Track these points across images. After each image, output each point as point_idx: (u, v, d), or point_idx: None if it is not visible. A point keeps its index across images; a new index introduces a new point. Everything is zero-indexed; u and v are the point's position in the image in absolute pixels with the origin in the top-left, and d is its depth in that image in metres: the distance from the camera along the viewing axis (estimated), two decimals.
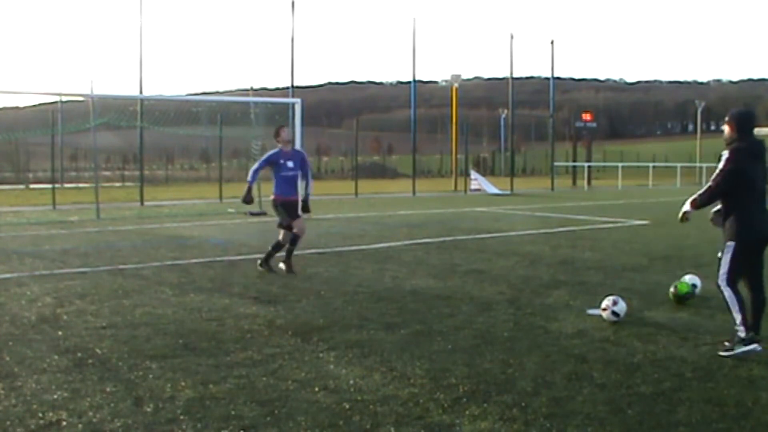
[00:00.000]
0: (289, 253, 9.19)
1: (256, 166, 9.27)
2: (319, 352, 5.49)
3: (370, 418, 4.11)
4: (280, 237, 9.31)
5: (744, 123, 5.61)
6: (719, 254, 5.68)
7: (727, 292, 5.55)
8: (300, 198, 9.39)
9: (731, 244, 5.54)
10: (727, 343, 5.52)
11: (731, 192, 5.50)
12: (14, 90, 35.41)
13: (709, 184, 5.61)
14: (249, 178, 9.19)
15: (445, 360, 5.29)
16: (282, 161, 9.13)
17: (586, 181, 42.39)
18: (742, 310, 5.46)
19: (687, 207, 5.72)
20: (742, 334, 5.39)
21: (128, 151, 48.95)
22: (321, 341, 5.81)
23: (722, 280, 5.61)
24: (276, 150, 9.25)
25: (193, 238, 13.32)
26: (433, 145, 73.50)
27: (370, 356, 5.37)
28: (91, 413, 4.16)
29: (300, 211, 9.26)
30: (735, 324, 5.45)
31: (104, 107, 21.96)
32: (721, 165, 5.52)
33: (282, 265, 9.18)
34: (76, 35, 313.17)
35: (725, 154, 5.54)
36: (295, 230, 9.13)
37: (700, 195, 5.65)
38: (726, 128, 5.65)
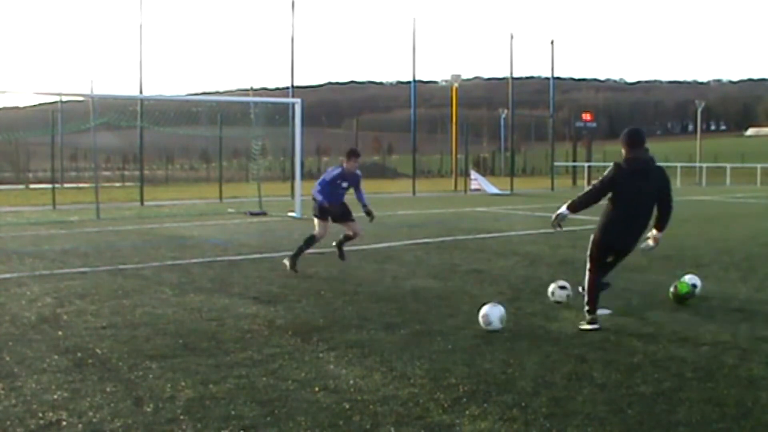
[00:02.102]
0: (300, 251, 9.35)
1: (319, 187, 9.48)
2: (319, 352, 5.49)
3: (370, 418, 4.11)
4: (316, 231, 9.49)
5: (629, 140, 6.19)
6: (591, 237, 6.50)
7: (587, 277, 6.42)
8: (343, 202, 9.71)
9: (593, 237, 6.39)
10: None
11: (607, 198, 6.24)
12: (14, 90, 35.44)
13: (588, 188, 6.43)
14: (318, 197, 9.43)
15: (445, 360, 5.29)
16: (339, 181, 9.52)
17: (586, 181, 42.31)
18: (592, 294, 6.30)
19: (563, 209, 6.41)
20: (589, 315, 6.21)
21: (128, 151, 48.87)
22: (321, 341, 5.81)
23: (586, 268, 6.47)
24: (340, 171, 9.51)
25: (193, 238, 13.32)
26: (433, 145, 73.42)
27: (370, 356, 5.37)
28: (91, 413, 4.16)
29: (353, 217, 9.68)
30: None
31: (104, 107, 21.95)
32: (604, 174, 6.29)
33: (287, 261, 9.30)
34: (76, 35, 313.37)
35: (611, 165, 6.27)
36: (352, 232, 9.59)
37: (578, 199, 6.40)
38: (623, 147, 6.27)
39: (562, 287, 7.23)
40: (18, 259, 10.49)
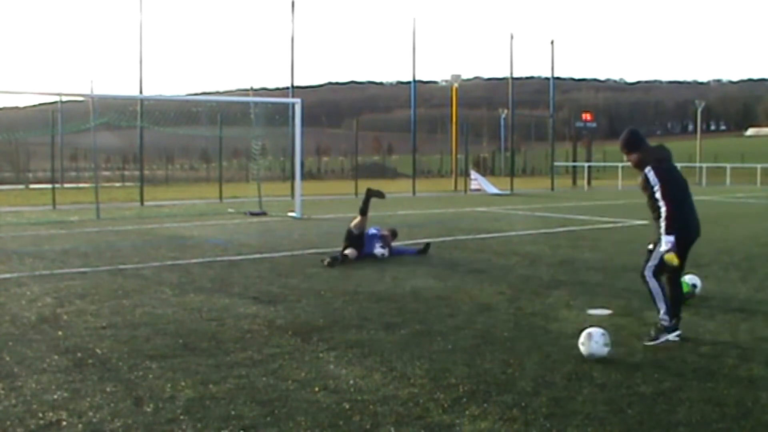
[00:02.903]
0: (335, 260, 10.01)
1: (387, 248, 10.63)
2: (319, 352, 5.49)
3: (370, 418, 4.11)
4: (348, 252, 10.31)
5: (637, 138, 6.03)
6: (650, 246, 5.91)
7: (652, 283, 5.85)
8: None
9: (671, 238, 5.65)
10: (652, 332, 5.81)
11: (670, 196, 5.69)
12: (14, 90, 35.42)
13: (662, 205, 5.69)
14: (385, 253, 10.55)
15: (445, 360, 5.29)
16: (374, 242, 10.58)
17: (586, 181, 42.35)
18: (665, 300, 5.78)
19: (670, 238, 5.63)
20: (665, 322, 5.72)
21: (128, 151, 48.91)
22: (321, 341, 5.81)
23: (648, 272, 5.88)
24: (377, 233, 10.71)
25: (193, 238, 13.32)
26: (433, 145, 73.39)
27: (370, 356, 5.37)
28: (91, 413, 4.16)
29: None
30: (660, 313, 5.78)
31: (104, 107, 21.94)
32: (652, 182, 5.75)
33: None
34: (76, 35, 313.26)
35: (647, 172, 5.79)
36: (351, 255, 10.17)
37: (666, 221, 5.65)
38: (627, 158, 6.01)
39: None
40: (18, 259, 10.49)
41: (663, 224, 5.66)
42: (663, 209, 5.67)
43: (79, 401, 4.37)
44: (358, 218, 10.57)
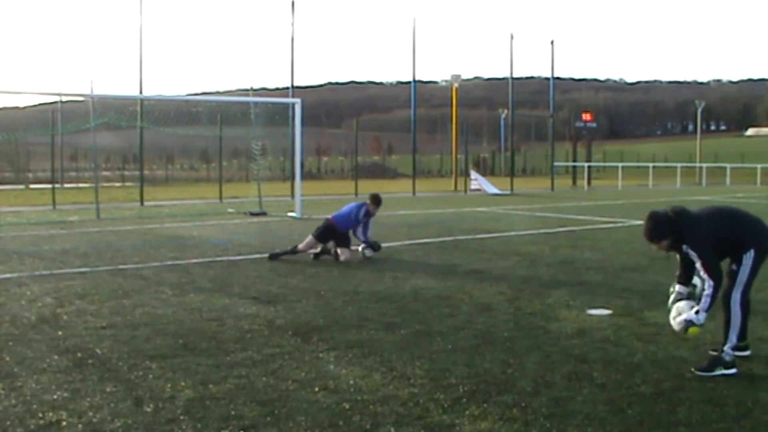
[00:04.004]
0: (281, 255, 10.45)
1: (364, 232, 10.69)
2: (319, 352, 5.49)
3: (370, 418, 4.11)
4: (301, 246, 10.60)
5: (661, 230, 5.24)
6: (733, 267, 5.15)
7: (735, 310, 5.09)
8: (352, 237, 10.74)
9: (751, 252, 5.05)
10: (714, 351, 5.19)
11: (726, 253, 5.09)
12: (14, 90, 35.40)
13: (708, 288, 5.00)
14: (363, 238, 10.62)
15: (445, 360, 5.29)
16: (366, 220, 10.74)
17: (586, 181, 42.37)
18: (740, 334, 5.12)
19: (699, 319, 5.01)
20: (728, 357, 5.04)
21: (128, 151, 48.87)
22: (321, 341, 5.81)
23: (738, 294, 5.12)
24: (369, 214, 10.75)
25: (193, 238, 13.32)
26: (433, 145, 73.35)
27: (370, 356, 5.37)
28: (91, 413, 4.16)
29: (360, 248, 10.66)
30: (726, 344, 5.06)
31: (104, 107, 21.92)
32: (694, 259, 5.06)
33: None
34: (76, 35, 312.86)
35: (686, 251, 5.10)
36: (341, 258, 10.20)
37: (708, 299, 4.98)
38: (658, 247, 5.29)
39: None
40: (18, 259, 10.49)
41: (705, 300, 5.01)
42: (707, 285, 5.02)
43: (79, 401, 4.37)
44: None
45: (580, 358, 5.34)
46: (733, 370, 4.98)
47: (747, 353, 5.31)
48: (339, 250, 10.25)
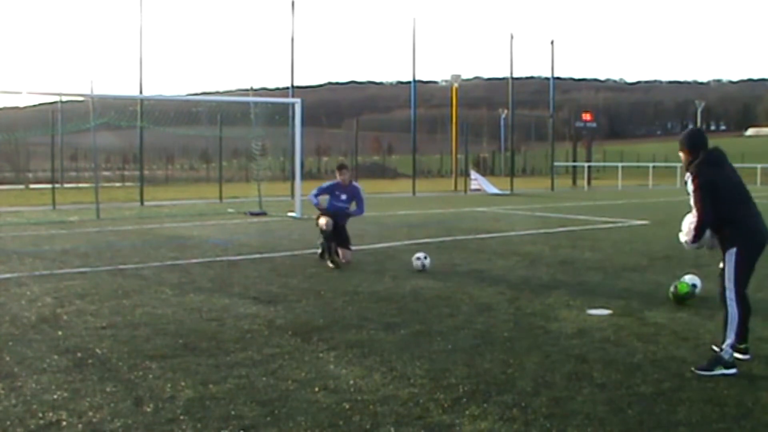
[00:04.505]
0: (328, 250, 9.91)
1: (315, 191, 10.34)
2: (319, 352, 5.49)
3: (370, 418, 4.12)
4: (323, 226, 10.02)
5: (695, 142, 5.41)
6: (720, 265, 5.27)
7: (732, 309, 5.11)
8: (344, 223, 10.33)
9: (733, 250, 5.14)
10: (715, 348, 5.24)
11: (719, 204, 5.13)
12: (14, 90, 35.39)
13: (692, 217, 5.24)
14: (313, 200, 10.31)
15: (445, 360, 5.29)
16: (337, 192, 10.34)
17: (586, 181, 42.37)
18: (738, 331, 5.12)
19: (683, 238, 5.33)
20: (728, 356, 5.05)
21: (128, 151, 48.86)
22: (321, 341, 5.81)
23: (731, 292, 5.16)
24: (336, 182, 10.43)
25: (193, 238, 13.32)
26: (433, 145, 73.31)
27: (370, 356, 5.38)
28: (91, 413, 4.16)
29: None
30: (725, 342, 5.08)
31: (104, 107, 21.95)
32: (688, 189, 5.23)
33: (330, 263, 9.73)
34: (76, 35, 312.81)
35: (687, 178, 5.29)
36: (344, 259, 9.93)
37: (694, 230, 5.22)
38: (682, 155, 5.42)
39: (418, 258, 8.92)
40: (18, 259, 10.49)
41: (690, 230, 5.25)
42: (692, 217, 5.24)
43: (79, 401, 4.37)
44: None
45: (580, 358, 5.34)
46: (733, 370, 5.00)
47: (747, 357, 5.29)
48: (340, 251, 10.24)
